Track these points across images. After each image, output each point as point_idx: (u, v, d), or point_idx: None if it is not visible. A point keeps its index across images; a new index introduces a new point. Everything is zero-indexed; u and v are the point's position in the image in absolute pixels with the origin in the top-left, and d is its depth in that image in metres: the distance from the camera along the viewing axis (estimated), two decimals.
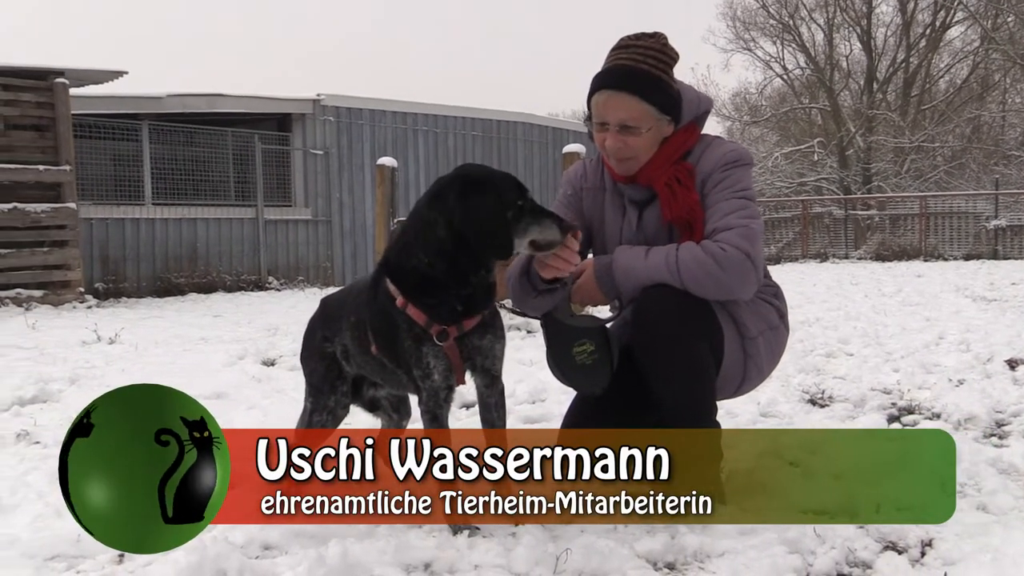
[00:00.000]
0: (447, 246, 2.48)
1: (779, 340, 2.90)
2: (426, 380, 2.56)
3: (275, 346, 6.70)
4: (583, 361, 2.73)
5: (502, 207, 2.48)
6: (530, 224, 2.51)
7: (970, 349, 5.78)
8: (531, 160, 19.77)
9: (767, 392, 4.40)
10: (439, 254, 2.49)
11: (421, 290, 2.52)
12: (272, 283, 15.27)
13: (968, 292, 10.65)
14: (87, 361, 6.15)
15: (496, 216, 2.47)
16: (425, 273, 2.51)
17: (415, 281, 2.53)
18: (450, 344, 2.54)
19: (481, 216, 2.46)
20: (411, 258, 2.53)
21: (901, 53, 33.47)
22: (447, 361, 2.55)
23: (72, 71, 11.89)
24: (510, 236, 2.49)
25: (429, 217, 2.51)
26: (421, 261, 2.51)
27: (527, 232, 2.51)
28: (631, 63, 2.71)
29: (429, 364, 2.54)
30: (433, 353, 2.54)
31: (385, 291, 2.60)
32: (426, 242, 2.50)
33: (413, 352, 2.56)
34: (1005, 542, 2.33)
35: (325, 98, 16.43)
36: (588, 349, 2.72)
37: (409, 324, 2.54)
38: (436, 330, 2.52)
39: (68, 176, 11.58)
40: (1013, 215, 21.79)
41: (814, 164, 32.39)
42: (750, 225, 2.66)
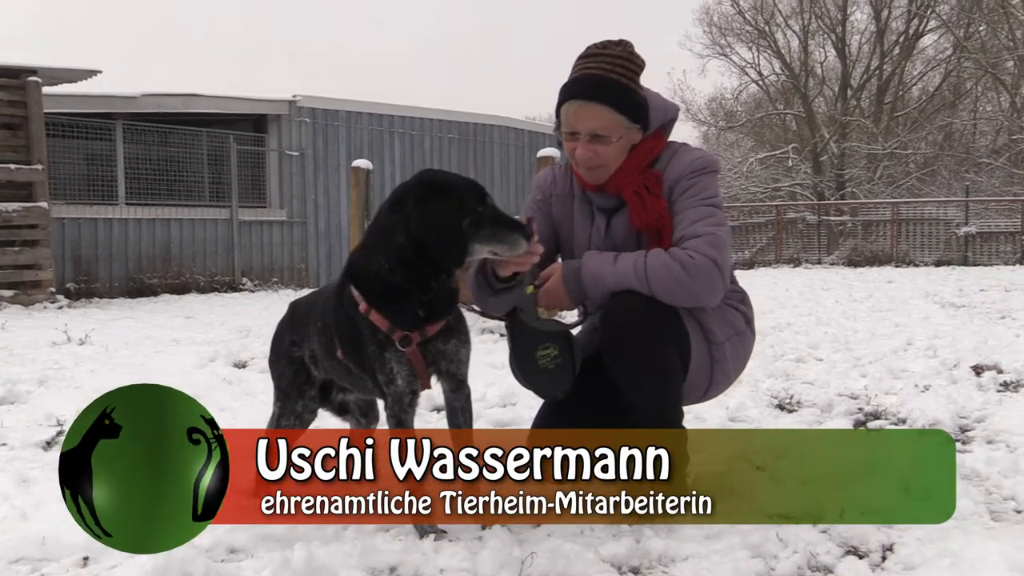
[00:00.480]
0: (407, 252, 2.48)
1: (746, 345, 2.93)
2: (390, 385, 2.57)
3: (247, 348, 6.68)
4: (545, 365, 2.75)
5: (459, 215, 2.47)
6: (491, 233, 2.50)
7: (937, 355, 5.84)
8: (507, 163, 19.78)
9: (736, 397, 4.43)
10: (399, 260, 2.49)
11: (383, 296, 2.53)
12: (246, 284, 15.20)
13: (937, 298, 10.76)
14: (56, 362, 6.10)
15: (452, 224, 2.46)
16: (387, 279, 2.51)
17: (378, 287, 2.53)
18: (413, 350, 2.54)
19: (437, 223, 2.45)
20: (373, 264, 2.53)
21: (875, 60, 33.76)
22: (410, 366, 2.56)
23: (45, 70, 11.80)
24: (464, 245, 2.48)
25: (389, 223, 2.51)
26: (382, 267, 2.51)
27: (488, 241, 2.50)
28: (600, 72, 2.73)
29: (392, 369, 2.55)
30: (396, 359, 2.54)
31: (350, 297, 2.60)
32: (387, 248, 2.50)
33: (377, 358, 2.56)
34: (964, 547, 2.36)
35: (301, 99, 16.39)
36: (551, 353, 2.73)
37: (372, 330, 2.55)
38: (399, 336, 2.53)
39: (40, 175, 11.50)
40: (983, 222, 22.03)
41: (788, 170, 32.60)
42: (717, 232, 2.68)
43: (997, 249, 21.31)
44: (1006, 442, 3.58)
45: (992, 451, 3.44)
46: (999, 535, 2.52)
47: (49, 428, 4.02)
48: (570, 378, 2.76)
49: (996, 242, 21.48)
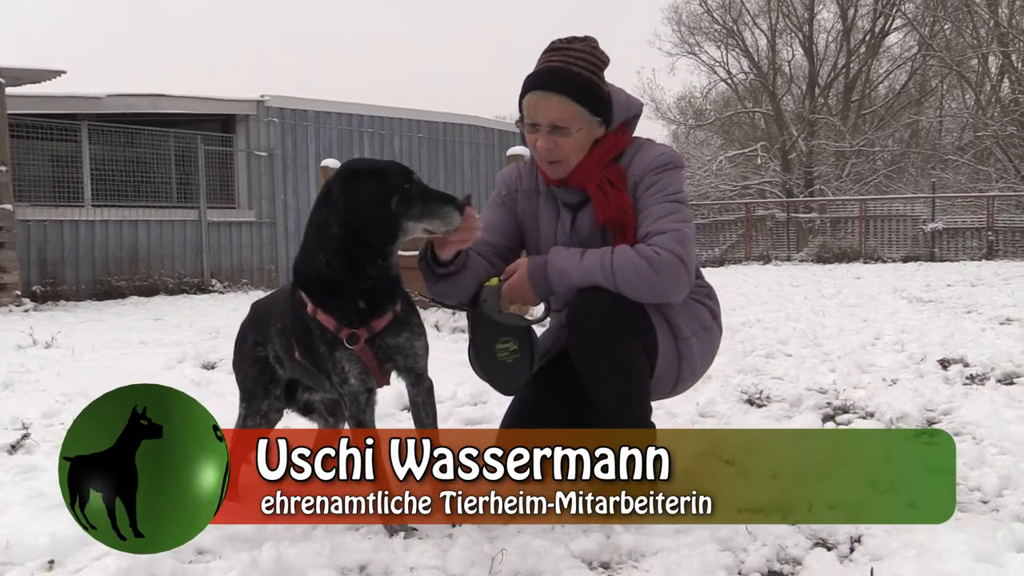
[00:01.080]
0: (341, 243, 2.47)
1: (712, 340, 2.94)
2: (343, 385, 2.56)
3: (216, 349, 6.63)
4: (504, 359, 2.74)
5: (383, 191, 2.46)
6: (423, 208, 2.49)
7: (904, 349, 5.90)
8: (477, 162, 19.78)
9: (706, 392, 4.46)
10: (335, 252, 2.48)
11: (325, 293, 2.52)
12: (215, 286, 15.10)
13: (905, 294, 10.86)
14: (22, 365, 6.03)
15: (377, 201, 2.46)
16: (325, 275, 2.51)
17: (319, 285, 2.53)
18: (361, 347, 2.53)
19: (362, 203, 2.45)
20: (312, 262, 2.53)
21: (842, 59, 34.02)
22: (361, 364, 2.54)
23: (8, 70, 11.66)
24: (395, 222, 2.47)
25: (321, 217, 2.51)
26: (321, 262, 2.51)
27: (420, 218, 2.49)
28: (562, 65, 2.73)
29: (344, 369, 2.54)
30: (346, 357, 2.53)
31: (299, 299, 2.60)
32: (321, 242, 2.50)
33: (328, 358, 2.56)
34: (930, 538, 2.38)
35: (269, 99, 16.30)
36: (511, 347, 2.73)
37: (321, 330, 2.54)
38: (346, 334, 2.52)
39: (4, 177, 11.35)
40: (949, 218, 22.26)
41: (757, 167, 32.79)
42: (683, 229, 2.69)
43: (963, 245, 21.55)
44: (972, 434, 3.62)
45: (958, 443, 3.46)
46: (965, 526, 2.54)
47: (14, 432, 3.97)
48: (527, 373, 2.76)
49: (962, 238, 21.72)
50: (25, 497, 2.94)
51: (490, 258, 2.91)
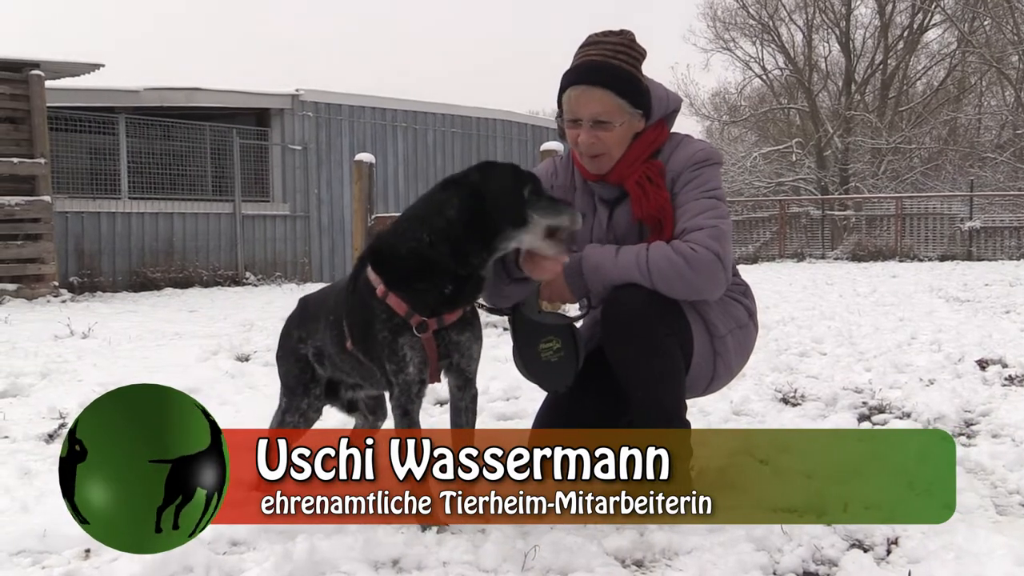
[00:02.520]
0: (456, 228, 2.47)
1: (748, 338, 2.91)
2: (399, 374, 2.54)
3: (250, 342, 6.67)
4: (548, 358, 2.74)
5: (518, 180, 2.54)
6: (547, 207, 2.54)
7: (941, 349, 5.82)
8: (510, 157, 19.74)
9: (740, 390, 4.42)
10: (444, 234, 2.48)
11: (412, 275, 2.51)
12: (249, 279, 15.21)
13: (942, 293, 10.73)
14: (59, 355, 6.10)
15: (514, 187, 2.52)
16: (424, 254, 2.49)
17: (408, 265, 2.51)
18: (428, 336, 2.52)
19: (500, 184, 2.51)
20: (409, 240, 2.52)
21: (879, 55, 33.68)
22: (423, 354, 2.54)
23: (48, 63, 11.80)
24: (524, 207, 2.52)
25: (440, 198, 2.53)
26: (422, 241, 2.49)
27: (546, 213, 2.53)
28: (601, 59, 2.72)
29: (405, 356, 2.52)
30: (410, 344, 2.52)
31: (365, 281, 2.58)
32: (432, 222, 2.50)
33: (388, 344, 2.54)
34: (969, 540, 2.35)
35: (304, 93, 16.38)
36: (554, 346, 2.73)
37: (388, 314, 2.52)
38: (416, 320, 2.51)
39: (43, 169, 11.50)
40: (987, 217, 21.99)
41: (792, 164, 32.55)
42: (719, 226, 2.67)
43: (1002, 244, 21.27)
44: (1011, 436, 3.57)
45: (997, 445, 3.42)
46: (1004, 529, 2.51)
47: (51, 421, 4.02)
48: (573, 372, 2.75)
49: (1001, 237, 21.44)
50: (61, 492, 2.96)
51: None
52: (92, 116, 13.82)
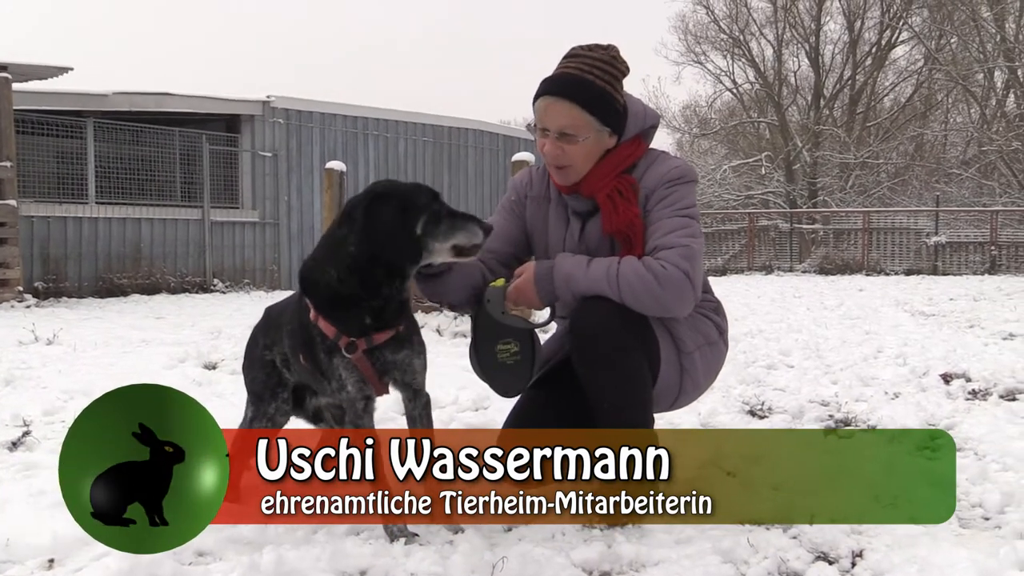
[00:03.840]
0: (359, 262, 2.49)
1: (717, 356, 2.92)
2: (341, 391, 2.58)
3: (217, 349, 6.62)
4: (504, 360, 2.74)
5: (408, 214, 2.50)
6: (450, 228, 2.54)
7: (907, 363, 5.89)
8: (481, 167, 19.78)
9: (708, 403, 4.44)
10: (349, 270, 2.50)
11: (331, 304, 2.54)
12: (217, 285, 15.10)
13: (907, 307, 10.85)
14: (23, 362, 6.03)
15: (400, 223, 2.49)
16: (335, 288, 2.52)
17: (326, 295, 2.54)
18: (359, 356, 2.54)
19: (384, 224, 2.48)
20: (323, 274, 2.55)
21: (848, 70, 34.03)
22: (358, 373, 2.55)
23: (15, 66, 11.68)
24: (417, 245, 2.52)
25: (338, 235, 2.54)
26: (332, 277, 2.53)
27: (448, 237, 2.54)
28: (577, 72, 2.73)
29: (341, 376, 2.56)
30: (343, 365, 2.55)
31: (304, 304, 2.63)
32: (336, 259, 2.52)
33: (327, 364, 2.58)
34: (932, 553, 2.37)
35: (275, 100, 16.31)
36: (512, 349, 2.73)
37: (321, 337, 2.57)
38: (344, 342, 2.53)
39: (9, 173, 11.36)
40: (953, 232, 22.28)
41: (761, 177, 32.78)
42: (691, 245, 2.68)
43: (966, 259, 21.56)
44: (974, 450, 3.61)
45: (960, 458, 3.45)
46: (967, 542, 2.53)
47: (15, 428, 3.96)
48: (527, 377, 2.76)
49: (966, 252, 21.73)
50: (26, 495, 2.93)
51: (492, 265, 2.90)
52: (60, 120, 13.67)
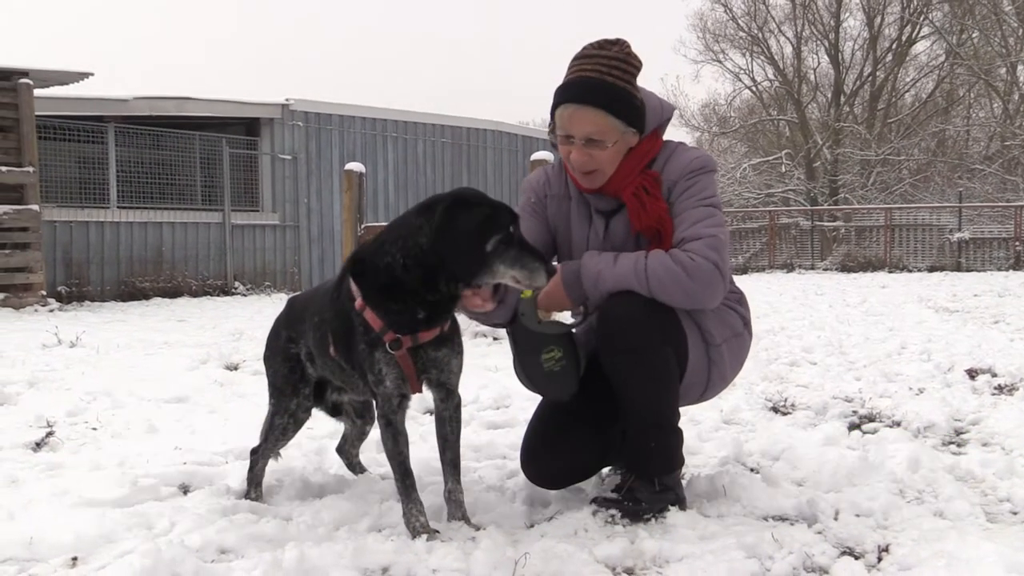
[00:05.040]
0: (429, 257, 2.43)
1: (742, 347, 2.90)
2: (379, 386, 2.55)
3: (239, 351, 6.65)
4: (551, 368, 2.71)
5: (484, 228, 2.43)
6: (517, 258, 2.45)
7: (931, 359, 5.83)
8: (500, 167, 19.79)
9: (730, 399, 4.42)
10: (416, 260, 2.44)
11: (385, 293, 2.48)
12: (238, 288, 15.17)
13: (931, 303, 10.76)
14: (47, 364, 6.07)
15: (475, 233, 2.42)
16: (397, 275, 2.46)
17: (382, 282, 2.48)
18: (402, 353, 2.51)
19: (460, 230, 2.41)
20: (384, 257, 2.48)
21: (868, 67, 33.86)
22: (399, 369, 2.52)
23: (37, 72, 11.77)
24: (482, 260, 2.43)
25: (416, 223, 2.46)
26: (396, 261, 2.46)
27: (512, 265, 2.45)
28: (595, 75, 2.68)
29: (381, 370, 2.52)
30: (385, 360, 2.51)
31: (347, 291, 2.57)
32: (406, 245, 2.45)
33: (366, 357, 2.53)
34: (959, 547, 2.34)
35: (294, 103, 16.37)
36: (556, 356, 2.71)
37: (365, 328, 2.52)
38: (389, 338, 2.49)
39: (31, 178, 11.46)
40: (976, 228, 22.10)
41: (782, 175, 32.67)
42: (718, 235, 2.66)
43: (990, 255, 21.38)
44: (1001, 444, 3.57)
45: (987, 453, 3.42)
46: (995, 536, 2.50)
47: (38, 430, 3.99)
48: (575, 379, 2.74)
49: (989, 248, 21.55)
50: (49, 494, 2.94)
51: None
52: (81, 125, 13.78)
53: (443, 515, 2.63)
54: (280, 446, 3.01)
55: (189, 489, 3.09)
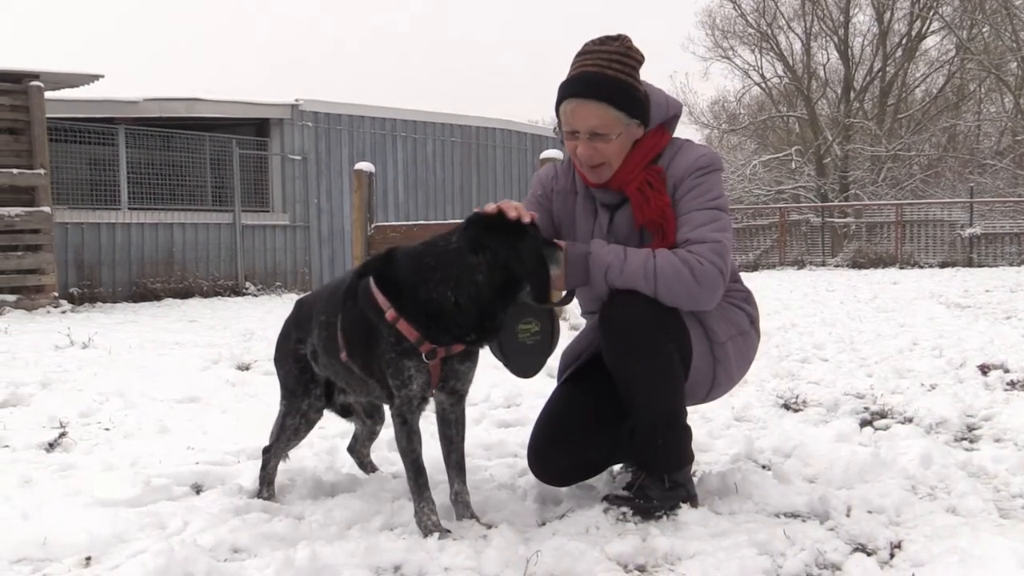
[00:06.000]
0: (485, 292, 2.50)
1: (749, 345, 2.90)
2: (403, 389, 2.57)
3: (250, 351, 6.67)
4: (524, 340, 2.73)
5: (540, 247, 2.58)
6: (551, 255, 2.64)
7: (943, 355, 5.81)
8: (509, 166, 19.79)
9: (741, 396, 4.42)
10: (471, 298, 2.50)
11: (431, 319, 2.52)
12: (249, 288, 15.21)
13: (942, 299, 10.72)
14: (59, 365, 6.09)
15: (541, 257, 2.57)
16: (444, 309, 2.51)
17: (427, 311, 2.52)
18: (436, 363, 2.56)
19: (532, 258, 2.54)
20: (431, 290, 2.52)
21: (878, 62, 33.73)
22: (428, 376, 2.57)
23: (47, 74, 11.81)
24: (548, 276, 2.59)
25: (472, 262, 2.50)
26: (447, 299, 2.51)
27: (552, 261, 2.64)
28: (596, 69, 2.70)
29: (411, 376, 2.56)
30: (417, 367, 2.55)
31: (370, 303, 2.58)
32: (459, 283, 2.50)
33: (394, 363, 2.56)
34: (973, 544, 2.33)
35: (304, 103, 16.39)
36: (532, 328, 2.72)
37: (398, 338, 2.54)
38: (427, 348, 2.53)
39: (43, 180, 11.50)
40: (988, 223, 22.01)
41: (792, 172, 32.59)
42: (723, 241, 2.68)
43: (1002, 250, 21.28)
44: (1014, 440, 3.56)
45: (1000, 449, 3.41)
46: (1008, 532, 2.50)
47: (51, 430, 4.01)
48: (544, 357, 2.75)
49: (1001, 243, 21.44)
50: (63, 494, 2.96)
51: None
52: (92, 127, 13.82)
53: (453, 515, 2.64)
54: (292, 446, 3.03)
55: (201, 489, 3.11)
